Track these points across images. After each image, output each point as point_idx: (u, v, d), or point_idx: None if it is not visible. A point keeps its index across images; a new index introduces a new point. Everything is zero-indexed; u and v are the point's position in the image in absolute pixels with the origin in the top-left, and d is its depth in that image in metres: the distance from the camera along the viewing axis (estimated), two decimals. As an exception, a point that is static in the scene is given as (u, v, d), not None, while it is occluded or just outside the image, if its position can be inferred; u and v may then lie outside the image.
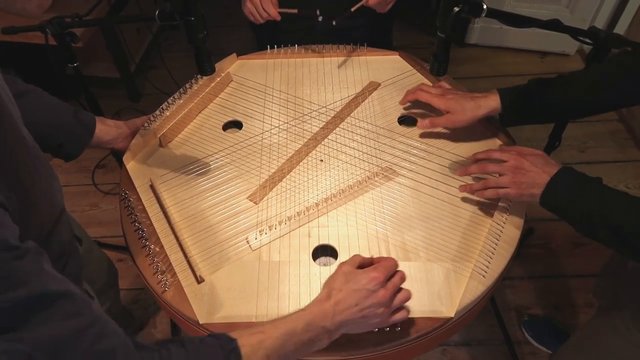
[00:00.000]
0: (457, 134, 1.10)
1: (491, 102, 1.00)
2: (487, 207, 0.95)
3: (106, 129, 1.05)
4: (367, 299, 0.69)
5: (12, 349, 0.48)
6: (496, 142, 1.09)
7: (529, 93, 0.99)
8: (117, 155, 1.14)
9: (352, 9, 1.20)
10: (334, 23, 1.18)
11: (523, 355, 1.57)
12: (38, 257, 0.53)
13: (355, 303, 0.69)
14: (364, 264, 0.74)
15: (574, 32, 0.96)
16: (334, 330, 0.69)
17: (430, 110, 1.12)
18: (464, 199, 0.97)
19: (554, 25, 0.91)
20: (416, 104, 1.17)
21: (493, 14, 0.83)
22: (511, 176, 0.86)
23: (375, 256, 0.76)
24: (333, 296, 0.69)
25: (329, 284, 0.72)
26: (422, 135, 1.10)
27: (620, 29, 2.27)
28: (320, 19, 1.21)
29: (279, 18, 1.24)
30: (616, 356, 1.00)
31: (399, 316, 0.74)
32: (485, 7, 0.80)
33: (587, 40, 0.99)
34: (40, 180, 0.67)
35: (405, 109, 1.16)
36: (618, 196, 0.77)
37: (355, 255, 0.75)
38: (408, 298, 0.74)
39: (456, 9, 0.77)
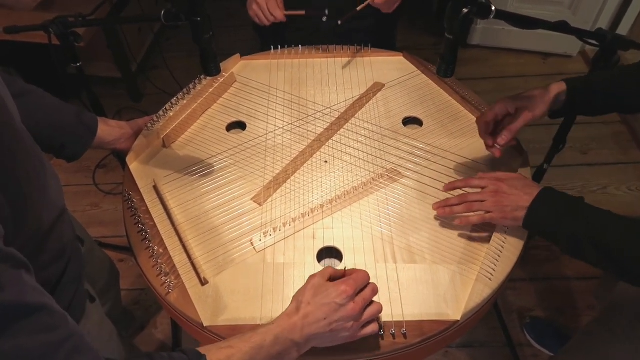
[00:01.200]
0: (462, 136, 1.09)
1: (556, 85, 0.93)
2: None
3: (109, 129, 1.04)
4: (335, 313, 0.68)
5: None
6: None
7: (598, 79, 0.94)
8: (119, 155, 1.13)
9: (358, 8, 1.20)
10: (339, 22, 1.18)
11: (525, 358, 1.56)
12: (19, 266, 0.52)
13: (324, 317, 0.68)
14: (336, 276, 0.74)
15: (581, 34, 0.96)
16: (302, 344, 0.69)
17: (441, 110, 1.12)
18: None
19: (561, 27, 0.91)
20: (421, 104, 1.17)
21: (501, 15, 0.82)
22: (493, 200, 0.86)
23: (379, 260, 0.75)
24: (302, 309, 0.69)
25: (297, 297, 0.71)
26: (427, 137, 1.09)
27: (623, 30, 2.27)
28: (324, 19, 1.21)
29: (285, 20, 1.23)
30: None
31: (368, 330, 0.73)
32: (493, 8, 0.79)
33: (594, 42, 0.99)
34: (38, 180, 0.66)
35: (408, 113, 1.15)
36: (602, 215, 0.77)
37: (326, 268, 0.75)
38: (379, 311, 0.73)
39: (465, 10, 0.77)
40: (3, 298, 0.48)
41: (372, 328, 0.73)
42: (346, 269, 0.75)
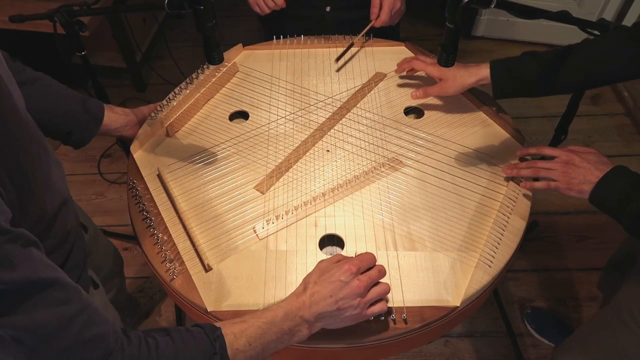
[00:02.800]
0: (463, 125, 1.10)
1: (482, 71, 1.02)
2: (493, 198, 0.95)
3: (114, 116, 1.05)
4: (340, 290, 0.70)
5: (0, 334, 0.49)
6: (502, 133, 1.09)
7: (522, 64, 0.99)
8: (124, 144, 1.14)
9: (360, 35, 1.25)
10: (336, 62, 1.23)
11: (525, 348, 1.58)
12: (29, 244, 0.54)
13: (330, 294, 0.70)
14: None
15: (583, 24, 0.96)
16: (312, 322, 0.71)
17: (438, 100, 1.13)
18: (470, 190, 0.97)
19: (563, 17, 0.91)
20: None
21: (502, 5, 0.82)
22: (562, 170, 0.86)
23: (380, 247, 0.77)
24: (309, 289, 0.72)
25: (305, 279, 0.74)
26: (428, 127, 1.10)
27: (629, 21, 2.26)
28: (328, 9, 1.22)
29: (284, 5, 1.24)
30: (622, 350, 1.01)
31: (376, 309, 0.74)
32: (495, -2, 0.80)
33: (596, 32, 0.99)
34: (41, 166, 0.67)
35: (410, 103, 1.16)
36: None
37: (336, 254, 0.77)
38: (386, 291, 0.75)
39: (465, -1, 0.77)
40: (16, 275, 0.50)
41: (380, 307, 0.75)
42: (356, 254, 0.77)
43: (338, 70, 1.24)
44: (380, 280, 0.75)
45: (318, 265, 0.75)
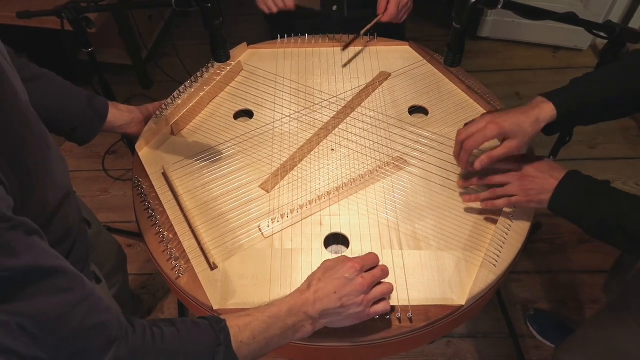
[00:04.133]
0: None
1: (548, 112, 0.85)
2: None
3: (119, 113, 1.06)
4: (344, 287, 0.71)
5: (3, 321, 0.49)
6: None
7: (586, 96, 0.87)
8: (129, 141, 1.15)
9: (367, 27, 1.25)
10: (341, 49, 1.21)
11: (527, 349, 1.58)
12: (32, 232, 0.54)
13: (334, 291, 0.71)
14: None
15: (589, 26, 0.96)
16: (316, 318, 0.71)
17: (444, 103, 1.12)
18: (475, 190, 0.97)
19: (570, 18, 0.91)
20: (426, 93, 1.17)
21: (509, 5, 0.83)
22: (518, 184, 0.86)
23: (385, 246, 0.77)
24: (313, 286, 0.72)
25: (310, 277, 0.75)
26: (433, 126, 1.10)
27: (635, 24, 2.25)
28: (334, 7, 1.22)
29: (294, 9, 1.24)
30: (622, 350, 1.01)
31: (379, 307, 0.75)
32: (502, -2, 0.80)
33: (602, 34, 0.99)
34: (43, 160, 0.68)
35: (414, 102, 1.16)
36: (629, 199, 0.77)
37: (341, 256, 0.77)
38: (389, 290, 0.76)
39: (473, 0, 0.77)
40: (18, 263, 0.50)
41: (383, 306, 0.75)
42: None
43: (344, 65, 1.24)
44: (383, 281, 0.76)
45: (323, 264, 0.76)
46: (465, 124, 0.93)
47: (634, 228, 0.74)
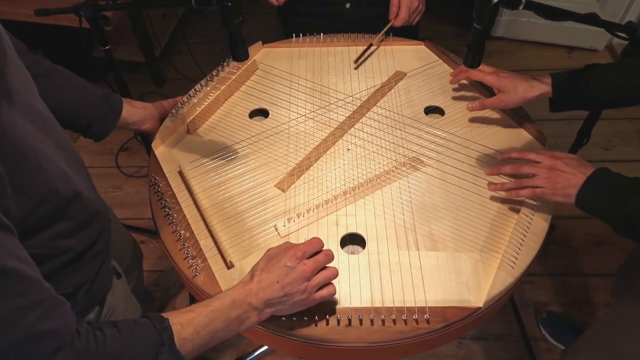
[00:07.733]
0: (485, 125, 1.09)
1: (544, 85, 0.98)
2: (515, 198, 0.94)
3: (133, 110, 1.06)
4: (287, 276, 0.72)
5: None
6: (523, 134, 1.08)
7: (585, 78, 0.96)
8: (143, 138, 1.15)
9: (380, 35, 1.25)
10: (355, 66, 1.22)
11: (539, 352, 1.56)
12: (0, 228, 0.53)
13: (277, 280, 0.71)
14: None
15: (611, 27, 0.95)
16: (261, 308, 0.72)
17: (460, 100, 1.12)
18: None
19: (591, 19, 0.90)
20: (442, 93, 1.17)
21: (530, 6, 0.82)
22: (546, 176, 0.86)
23: (402, 247, 0.76)
24: (256, 276, 0.73)
25: (253, 267, 0.75)
26: (449, 126, 1.09)
27: (651, 24, 2.22)
28: (348, 5, 1.21)
29: None
30: (628, 354, 1.00)
31: (324, 292, 0.75)
32: (523, -1, 0.79)
33: (623, 35, 0.97)
34: (46, 151, 0.67)
35: (430, 102, 1.15)
36: None
37: (285, 243, 0.77)
38: (334, 275, 0.76)
39: (494, 0, 0.76)
40: None
41: (328, 290, 0.76)
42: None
43: (356, 68, 1.24)
44: (328, 265, 0.76)
45: (266, 253, 0.76)
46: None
47: None
